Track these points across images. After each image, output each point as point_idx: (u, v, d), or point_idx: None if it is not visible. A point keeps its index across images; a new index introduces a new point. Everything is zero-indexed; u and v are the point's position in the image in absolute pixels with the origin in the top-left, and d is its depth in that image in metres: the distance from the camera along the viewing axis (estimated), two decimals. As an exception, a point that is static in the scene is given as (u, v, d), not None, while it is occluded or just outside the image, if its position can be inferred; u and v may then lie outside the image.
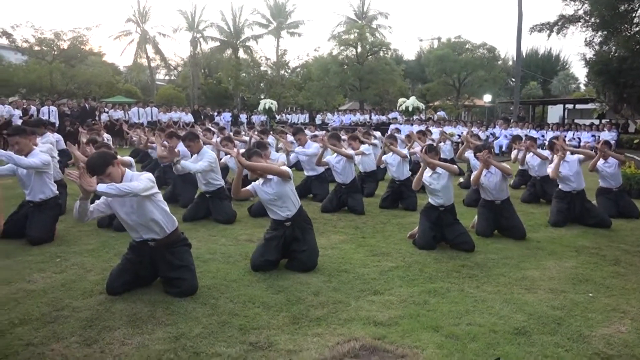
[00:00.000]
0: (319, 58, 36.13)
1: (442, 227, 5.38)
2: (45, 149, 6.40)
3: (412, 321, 3.41)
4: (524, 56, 37.88)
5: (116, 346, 3.02)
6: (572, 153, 6.79)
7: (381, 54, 32.97)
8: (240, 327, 3.28)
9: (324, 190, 8.07)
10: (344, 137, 10.12)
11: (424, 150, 5.43)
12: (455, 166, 5.55)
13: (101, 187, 3.49)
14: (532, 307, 3.69)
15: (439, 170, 5.41)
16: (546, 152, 8.03)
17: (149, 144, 10.06)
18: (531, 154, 8.19)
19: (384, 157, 7.88)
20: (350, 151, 7.49)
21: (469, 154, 8.51)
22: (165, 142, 7.27)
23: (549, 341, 3.16)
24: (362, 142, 9.04)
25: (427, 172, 5.44)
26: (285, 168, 4.54)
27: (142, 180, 3.69)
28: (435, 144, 10.07)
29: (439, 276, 4.39)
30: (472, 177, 5.87)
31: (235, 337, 3.15)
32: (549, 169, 6.74)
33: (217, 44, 40.17)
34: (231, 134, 11.82)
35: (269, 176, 4.52)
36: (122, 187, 3.56)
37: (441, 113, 26.69)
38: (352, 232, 6.02)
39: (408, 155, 7.96)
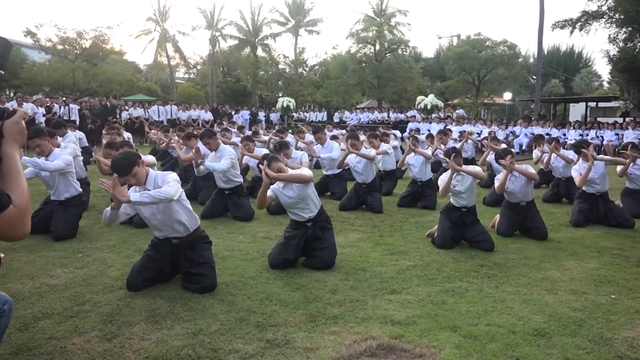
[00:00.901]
0: (337, 56, 36.15)
1: (462, 227, 5.34)
2: (70, 150, 6.53)
3: (429, 321, 3.39)
4: (546, 53, 37.31)
5: (136, 341, 3.06)
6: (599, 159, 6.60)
7: (400, 51, 32.82)
8: (257, 324, 3.29)
9: (342, 188, 8.07)
10: (363, 137, 10.07)
11: (451, 156, 5.31)
12: (482, 171, 5.48)
13: (135, 197, 3.54)
14: (552, 308, 3.64)
15: (464, 170, 5.35)
16: (570, 153, 7.85)
17: (170, 144, 10.17)
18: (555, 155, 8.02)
19: (405, 156, 7.83)
20: (372, 152, 7.41)
21: (490, 157, 8.35)
22: (194, 146, 7.28)
23: (569, 343, 3.11)
24: (382, 141, 8.99)
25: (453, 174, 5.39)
26: (308, 172, 4.50)
27: (172, 183, 3.72)
28: (459, 146, 10.00)
29: (457, 276, 4.35)
30: (496, 184, 5.74)
31: (252, 334, 3.16)
32: (574, 172, 6.57)
33: (236, 42, 40.40)
34: (249, 132, 11.86)
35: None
36: (156, 194, 3.59)
37: (460, 111, 26.47)
38: (369, 231, 6.00)
39: (432, 157, 7.91)
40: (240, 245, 5.24)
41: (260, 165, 4.35)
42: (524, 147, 18.01)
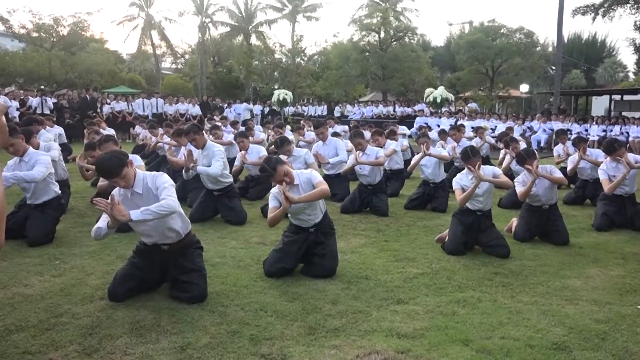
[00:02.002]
0: (338, 44, 36.09)
1: (476, 232, 5.35)
2: (55, 154, 6.51)
3: (439, 333, 3.39)
4: (566, 42, 37.35)
5: (118, 356, 3.06)
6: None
7: (406, 39, 32.82)
8: (251, 338, 3.30)
9: (344, 189, 8.07)
10: (367, 133, 10.06)
11: (477, 166, 5.26)
12: (509, 180, 5.48)
13: (136, 215, 3.54)
14: (573, 320, 3.64)
15: (480, 171, 5.34)
16: (597, 153, 7.79)
17: (158, 145, 10.17)
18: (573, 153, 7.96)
19: (416, 157, 7.77)
20: (381, 154, 7.35)
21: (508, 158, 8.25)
22: (184, 152, 7.24)
23: (591, 358, 3.12)
24: (390, 138, 8.98)
25: (468, 175, 5.40)
26: (325, 184, 4.46)
27: (169, 191, 3.73)
28: (476, 146, 9.96)
29: (469, 284, 4.36)
30: (518, 190, 5.71)
31: (245, 348, 3.17)
32: (602, 174, 6.50)
33: (228, 29, 40.47)
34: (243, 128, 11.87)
35: (296, 182, 4.46)
36: (158, 209, 3.59)
37: (473, 105, 26.46)
38: (373, 235, 6.01)
39: (449, 157, 7.87)
40: (232, 251, 5.25)
41: (280, 187, 4.25)
42: (542, 144, 18.03)
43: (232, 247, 5.42)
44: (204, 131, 7.06)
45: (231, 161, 7.98)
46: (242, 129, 11.44)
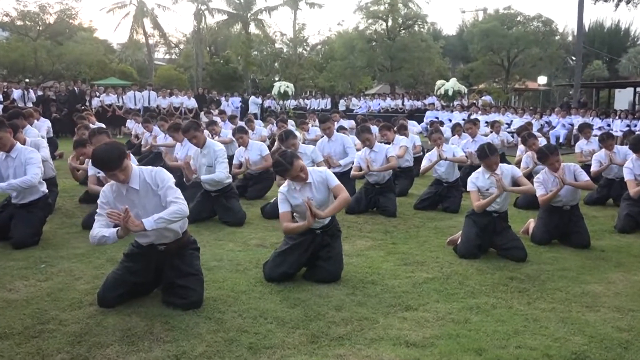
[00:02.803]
0: (342, 33, 36.12)
1: (491, 234, 5.34)
2: (45, 154, 6.52)
3: (450, 342, 3.39)
4: (587, 30, 37.21)
5: (108, 365, 3.07)
6: None
7: (416, 28, 32.82)
8: (249, 346, 3.31)
9: (349, 188, 8.01)
10: (375, 128, 10.05)
11: (488, 157, 5.25)
12: (532, 186, 5.49)
13: (150, 224, 3.60)
14: (593, 328, 3.64)
15: (498, 171, 5.32)
16: (624, 151, 7.74)
17: (154, 147, 10.18)
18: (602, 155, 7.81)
19: (427, 155, 7.71)
20: (392, 155, 7.27)
21: (527, 157, 8.15)
22: (181, 141, 7.21)
23: (614, 369, 3.11)
24: (400, 134, 8.93)
25: (485, 175, 5.38)
26: (346, 193, 4.50)
27: (177, 193, 3.78)
28: (498, 143, 9.89)
29: (482, 290, 4.36)
30: (540, 196, 5.68)
31: (244, 358, 3.17)
32: (628, 174, 6.44)
33: (225, 17, 40.42)
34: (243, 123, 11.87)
35: (309, 180, 4.45)
36: (171, 216, 3.67)
37: (487, 98, 26.44)
38: (380, 237, 6.01)
39: (468, 160, 7.77)
40: (229, 254, 5.26)
41: (306, 201, 4.23)
42: (561, 140, 17.99)
43: (230, 249, 5.43)
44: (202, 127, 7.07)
45: (230, 158, 7.97)
46: (241, 124, 11.44)
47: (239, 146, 8.24)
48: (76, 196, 7.70)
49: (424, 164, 7.80)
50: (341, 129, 10.03)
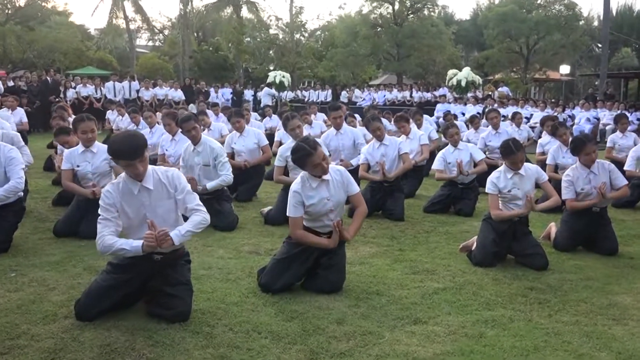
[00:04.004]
0: (344, 18, 36.13)
1: (509, 240, 5.33)
2: (28, 158, 6.51)
3: (463, 359, 3.40)
4: (614, 14, 37.23)
5: (86, 385, 3.07)
6: None
7: (426, 12, 32.83)
8: (242, 363, 3.30)
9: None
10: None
11: (514, 153, 5.21)
12: (557, 196, 5.50)
13: (178, 239, 3.72)
14: (621, 344, 3.65)
15: (522, 171, 5.33)
16: None
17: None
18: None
19: (442, 154, 7.59)
20: (408, 155, 7.23)
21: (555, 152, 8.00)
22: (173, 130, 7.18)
23: (644, 388, 3.12)
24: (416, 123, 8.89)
25: (508, 174, 5.35)
26: (365, 207, 4.75)
27: (199, 201, 3.92)
28: (526, 140, 9.82)
29: (499, 301, 4.36)
30: (568, 200, 5.64)
31: (235, 376, 3.17)
32: None
33: (214, 0, 40.38)
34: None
35: (325, 177, 4.44)
36: (197, 227, 3.83)
37: (504, 89, 26.43)
38: (386, 244, 6.02)
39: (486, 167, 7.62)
40: (220, 261, 5.26)
41: (336, 224, 4.39)
42: (586, 136, 17.98)
43: (220, 256, 5.43)
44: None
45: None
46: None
47: (236, 130, 8.20)
48: (49, 198, 7.69)
49: (437, 165, 7.57)
50: (351, 116, 9.96)
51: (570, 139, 6.30)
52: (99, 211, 3.78)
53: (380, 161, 7.09)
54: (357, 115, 14.35)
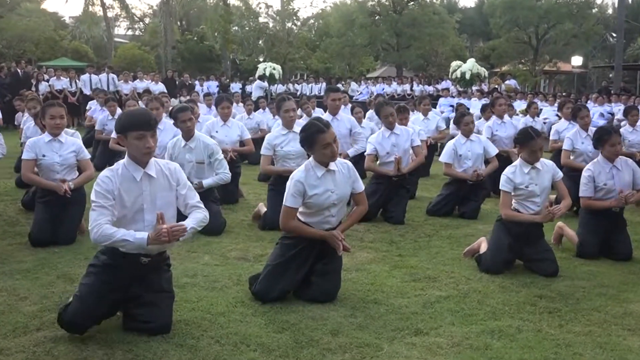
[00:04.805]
0: (339, 5, 36.17)
1: (523, 244, 5.29)
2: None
3: (468, 373, 3.41)
4: (630, 1, 37.38)
5: (60, 402, 3.06)
6: None
7: (427, -1, 32.85)
8: (229, 378, 3.31)
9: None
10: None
11: (548, 208, 5.13)
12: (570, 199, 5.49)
13: (191, 225, 3.80)
14: (637, 355, 3.66)
15: (539, 165, 5.30)
16: None
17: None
18: None
19: (451, 145, 7.48)
20: (420, 147, 7.21)
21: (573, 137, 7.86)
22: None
23: (661, 403, 3.14)
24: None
25: (525, 168, 5.29)
26: (366, 206, 4.79)
27: (199, 198, 4.01)
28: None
29: (506, 310, 4.37)
30: (587, 201, 5.65)
31: (222, 392, 3.17)
32: None
33: (199, -15, 40.34)
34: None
35: (332, 168, 4.44)
36: (199, 224, 3.89)
37: (511, 82, 26.54)
38: (385, 249, 6.02)
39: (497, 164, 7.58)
40: (205, 268, 5.25)
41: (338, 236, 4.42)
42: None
43: (205, 263, 5.42)
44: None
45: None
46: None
47: (222, 117, 8.22)
48: (18, 199, 7.65)
49: (446, 157, 7.41)
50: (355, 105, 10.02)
51: (591, 125, 6.28)
52: (93, 197, 3.69)
53: (395, 155, 6.99)
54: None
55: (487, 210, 7.54)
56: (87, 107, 14.18)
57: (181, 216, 3.96)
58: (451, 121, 10.60)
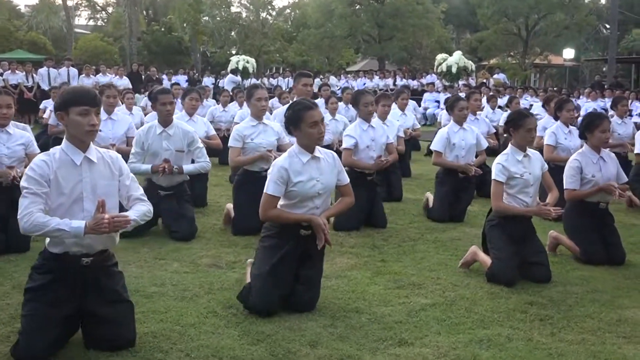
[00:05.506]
0: (317, -6, 36.09)
1: (520, 243, 5.27)
2: None
3: (455, 385, 3.43)
4: (624, -9, 37.79)
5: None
6: None
7: (411, -13, 32.97)
8: (200, 394, 3.30)
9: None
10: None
11: (540, 206, 5.16)
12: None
13: (134, 217, 3.69)
14: (633, 365, 3.71)
15: (530, 152, 5.33)
16: None
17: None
18: None
19: (445, 132, 7.42)
20: (393, 145, 7.26)
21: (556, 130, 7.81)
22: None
23: (657, 414, 3.18)
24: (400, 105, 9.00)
25: (517, 155, 5.25)
26: (353, 198, 4.72)
27: (142, 190, 3.97)
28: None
29: (495, 318, 4.40)
30: (570, 192, 5.67)
31: (193, 409, 3.16)
32: None
33: (167, -28, 40.13)
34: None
35: (317, 155, 4.43)
36: (142, 217, 3.79)
37: (500, 76, 26.75)
38: (367, 254, 6.03)
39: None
40: (174, 276, 5.22)
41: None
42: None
43: (174, 271, 5.39)
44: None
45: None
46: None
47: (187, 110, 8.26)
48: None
49: (438, 146, 7.35)
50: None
51: (577, 119, 6.35)
52: (24, 183, 3.56)
53: (376, 155, 6.98)
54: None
55: (475, 212, 7.58)
56: (42, 107, 13.92)
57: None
58: (441, 113, 10.67)
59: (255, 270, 4.48)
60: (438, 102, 20.83)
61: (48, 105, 13.70)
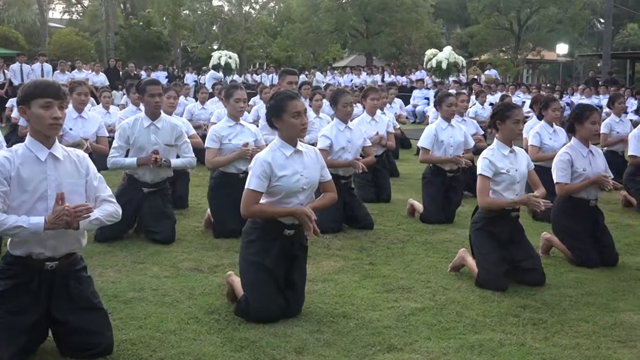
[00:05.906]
0: (303, -13, 36.08)
1: (508, 245, 5.27)
2: None
3: (446, 392, 3.44)
4: (619, -15, 38.04)
5: None
6: None
7: (399, -20, 33.03)
8: (181, 403, 3.29)
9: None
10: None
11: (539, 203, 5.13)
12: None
13: (84, 223, 3.55)
14: (628, 369, 3.73)
15: (516, 148, 5.34)
16: None
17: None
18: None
19: (433, 129, 7.43)
20: (370, 148, 7.26)
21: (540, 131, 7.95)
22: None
23: (653, 420, 3.20)
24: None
25: (504, 150, 5.25)
26: (336, 194, 4.75)
27: (110, 191, 3.90)
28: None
29: (486, 323, 4.41)
30: (562, 186, 5.66)
31: (174, 419, 3.15)
32: None
33: (145, -36, 39.98)
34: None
35: (300, 148, 4.43)
36: (107, 218, 3.74)
37: (491, 72, 26.84)
38: (354, 256, 6.03)
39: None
40: (153, 281, 5.20)
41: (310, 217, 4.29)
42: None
43: (154, 275, 5.37)
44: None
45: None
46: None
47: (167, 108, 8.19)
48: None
49: (426, 143, 7.38)
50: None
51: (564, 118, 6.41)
52: None
53: (351, 157, 6.93)
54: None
55: (465, 212, 7.57)
56: (8, 105, 13.82)
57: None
58: (429, 109, 10.68)
59: (247, 280, 4.42)
60: (427, 99, 20.87)
61: (14, 102, 13.64)
